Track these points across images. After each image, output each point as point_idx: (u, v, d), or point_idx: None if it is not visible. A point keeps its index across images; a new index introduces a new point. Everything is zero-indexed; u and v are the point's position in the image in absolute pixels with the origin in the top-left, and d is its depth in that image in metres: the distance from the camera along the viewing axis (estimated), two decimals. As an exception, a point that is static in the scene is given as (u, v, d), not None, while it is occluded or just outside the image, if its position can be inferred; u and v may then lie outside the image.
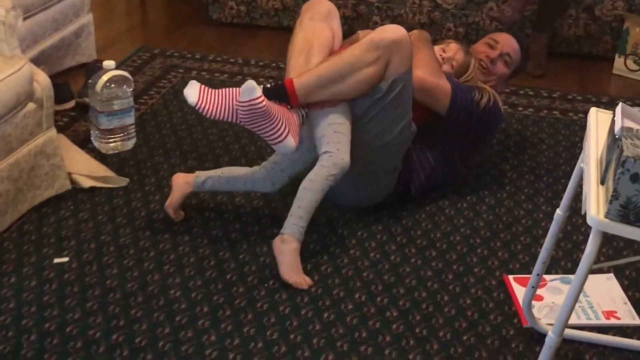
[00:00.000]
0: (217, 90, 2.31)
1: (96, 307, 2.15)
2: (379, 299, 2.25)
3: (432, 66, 2.64)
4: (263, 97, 2.23)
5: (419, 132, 2.59)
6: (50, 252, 2.38)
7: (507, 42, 2.87)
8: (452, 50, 2.79)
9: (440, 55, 2.77)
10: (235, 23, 4.53)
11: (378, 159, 2.52)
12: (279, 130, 2.27)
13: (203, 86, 2.31)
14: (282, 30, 4.36)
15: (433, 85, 2.60)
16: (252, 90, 2.22)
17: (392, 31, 2.38)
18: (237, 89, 2.28)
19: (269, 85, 2.32)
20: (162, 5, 5.10)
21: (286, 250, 2.28)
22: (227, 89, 2.31)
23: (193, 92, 2.28)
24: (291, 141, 2.29)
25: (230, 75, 3.78)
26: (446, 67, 2.75)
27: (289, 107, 2.34)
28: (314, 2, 2.62)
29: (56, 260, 2.34)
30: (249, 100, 2.22)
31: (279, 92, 2.32)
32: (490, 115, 2.70)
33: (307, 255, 2.41)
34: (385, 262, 2.42)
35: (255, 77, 3.76)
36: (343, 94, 2.40)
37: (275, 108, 2.28)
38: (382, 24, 4.22)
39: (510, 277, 2.36)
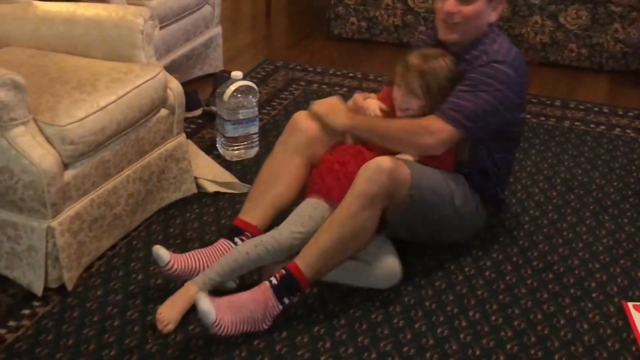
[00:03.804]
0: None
1: (217, 308, 2.24)
2: (493, 317, 2.25)
3: (410, 127, 2.34)
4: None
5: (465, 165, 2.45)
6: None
7: None
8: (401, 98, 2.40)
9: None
10: (356, 38, 4.60)
11: (456, 223, 2.44)
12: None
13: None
14: (401, 46, 4.39)
15: (450, 144, 2.34)
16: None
17: (377, 174, 2.16)
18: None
19: (275, 282, 2.13)
20: (285, 20, 5.24)
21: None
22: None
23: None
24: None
25: (350, 90, 3.84)
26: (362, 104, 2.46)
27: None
28: (293, 127, 2.48)
29: (181, 261, 2.44)
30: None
31: (288, 283, 2.14)
32: (509, 83, 2.35)
33: (420, 269, 2.44)
34: (500, 281, 2.41)
35: (373, 92, 3.80)
36: (351, 254, 2.24)
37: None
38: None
39: (630, 304, 2.31)
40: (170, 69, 3.39)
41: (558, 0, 4.17)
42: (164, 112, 2.59)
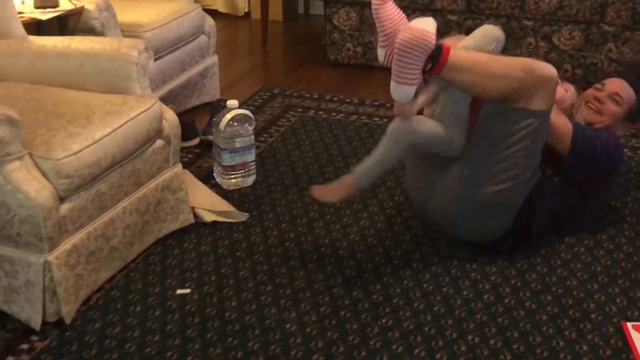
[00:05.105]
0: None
1: (215, 339, 2.23)
2: (492, 341, 2.24)
3: (556, 109, 2.64)
4: (434, 38, 2.27)
5: (542, 179, 2.60)
6: (173, 283, 2.48)
7: (615, 84, 2.88)
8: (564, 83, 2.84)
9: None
10: (352, 64, 4.62)
11: (500, 191, 2.50)
12: (415, 74, 2.30)
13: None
14: (398, 70, 4.41)
15: (557, 126, 2.60)
16: (431, 24, 2.28)
17: (548, 68, 2.43)
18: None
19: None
20: (282, 47, 5.27)
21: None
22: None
23: None
24: (412, 91, 2.34)
25: (346, 115, 3.86)
26: (562, 91, 2.77)
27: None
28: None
29: (179, 292, 2.44)
30: (426, 31, 2.25)
31: (437, 49, 2.31)
32: (611, 156, 2.69)
33: (420, 294, 2.43)
34: (499, 304, 2.41)
35: (370, 117, 3.83)
36: (477, 89, 2.42)
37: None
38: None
39: (629, 324, 2.31)
40: (167, 99, 3.42)
41: (551, 21, 4.20)
42: (159, 142, 2.60)
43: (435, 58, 2.32)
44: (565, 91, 2.82)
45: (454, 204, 2.57)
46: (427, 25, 2.27)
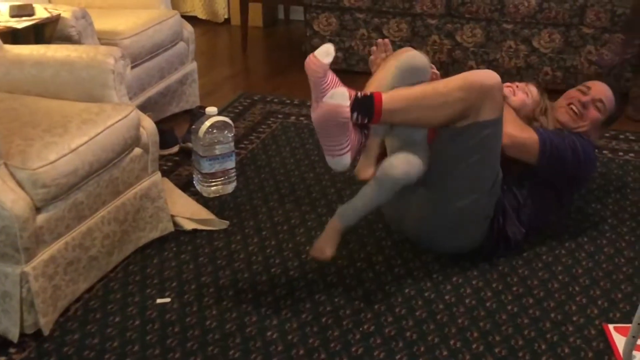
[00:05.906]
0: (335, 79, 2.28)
1: (196, 347, 2.21)
2: (474, 345, 2.23)
3: (519, 122, 2.64)
4: (349, 109, 2.22)
5: (513, 183, 2.60)
6: (153, 292, 2.46)
7: (600, 89, 2.86)
8: (523, 83, 2.82)
9: (516, 85, 2.79)
10: (333, 69, 4.58)
11: (468, 205, 2.50)
12: (341, 145, 2.26)
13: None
14: (378, 75, 4.41)
15: (522, 141, 2.58)
16: (342, 96, 2.21)
17: (488, 77, 2.38)
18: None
19: (359, 96, 2.27)
20: (262, 53, 5.26)
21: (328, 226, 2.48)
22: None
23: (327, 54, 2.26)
24: (348, 159, 2.29)
25: (328, 121, 3.84)
26: (522, 95, 2.75)
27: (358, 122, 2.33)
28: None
29: (159, 301, 2.42)
30: (336, 105, 2.20)
31: (364, 105, 2.28)
32: (582, 162, 2.67)
33: (402, 299, 2.42)
34: (481, 308, 2.40)
35: (351, 122, 3.82)
36: (422, 123, 2.41)
37: (350, 123, 2.27)
38: (478, 69, 4.26)
39: (611, 326, 2.31)
40: (146, 106, 3.40)
41: (531, 24, 4.21)
42: (137, 151, 2.58)
43: (369, 111, 2.28)
44: (527, 95, 2.78)
45: (426, 224, 2.57)
46: (339, 98, 2.20)
